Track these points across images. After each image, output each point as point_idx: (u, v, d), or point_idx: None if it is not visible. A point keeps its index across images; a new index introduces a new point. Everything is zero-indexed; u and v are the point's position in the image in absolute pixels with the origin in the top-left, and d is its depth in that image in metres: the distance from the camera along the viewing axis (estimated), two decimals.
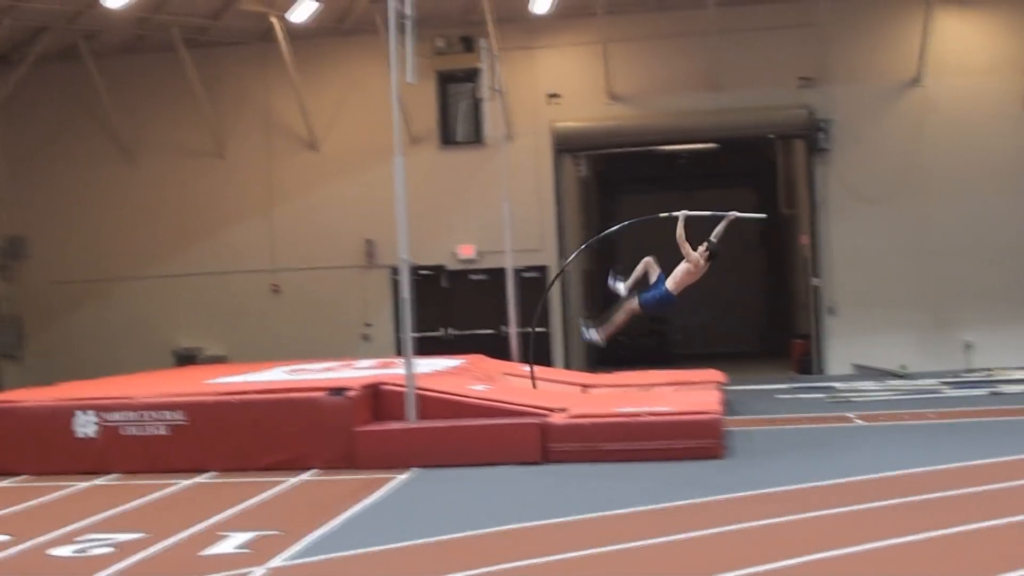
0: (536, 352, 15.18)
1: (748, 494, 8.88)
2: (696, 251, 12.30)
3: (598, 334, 13.16)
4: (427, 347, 17.72)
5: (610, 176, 26.04)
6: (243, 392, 11.76)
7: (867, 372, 19.63)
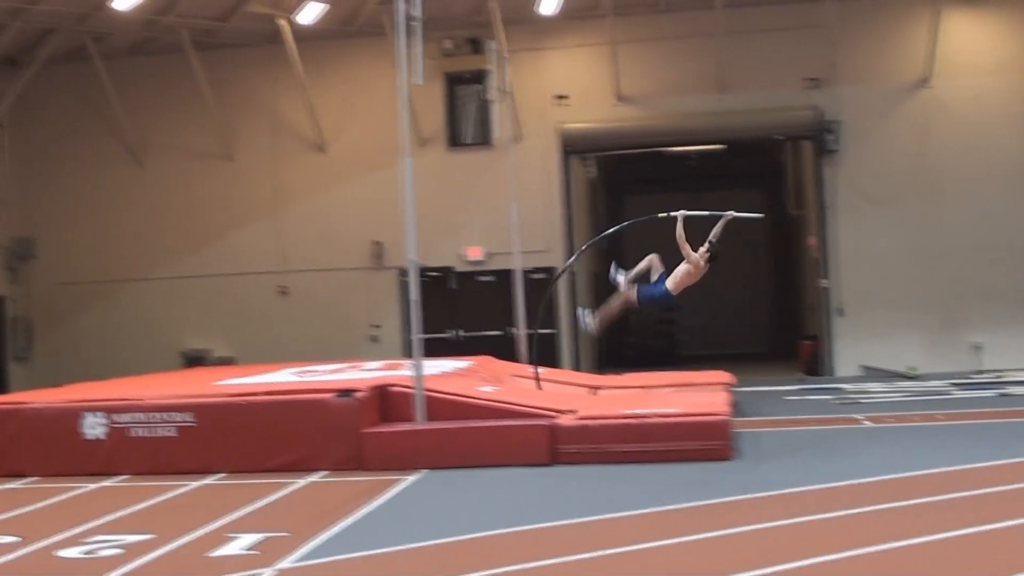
0: (544, 353, 15.19)
1: (756, 496, 8.86)
2: (696, 252, 12.30)
3: (593, 321, 13.39)
4: (435, 349, 17.68)
5: (618, 177, 26.04)
6: (251, 394, 11.75)
7: (875, 374, 19.60)
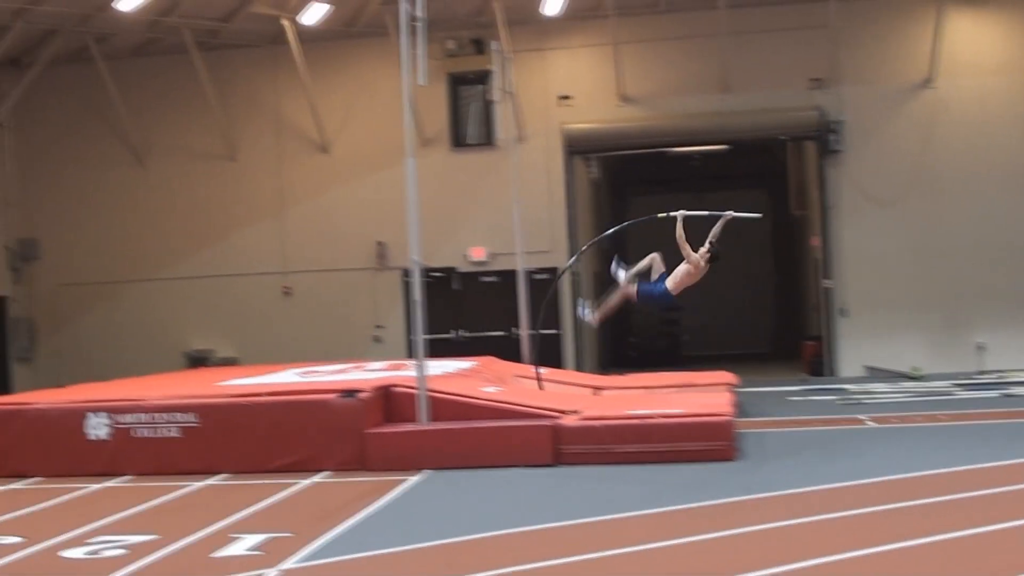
0: (547, 354, 15.19)
1: (760, 496, 8.85)
2: (697, 252, 12.30)
3: (592, 313, 13.48)
4: (438, 349, 17.70)
5: (621, 178, 26.03)
6: (255, 394, 11.75)
7: (879, 374, 19.58)
